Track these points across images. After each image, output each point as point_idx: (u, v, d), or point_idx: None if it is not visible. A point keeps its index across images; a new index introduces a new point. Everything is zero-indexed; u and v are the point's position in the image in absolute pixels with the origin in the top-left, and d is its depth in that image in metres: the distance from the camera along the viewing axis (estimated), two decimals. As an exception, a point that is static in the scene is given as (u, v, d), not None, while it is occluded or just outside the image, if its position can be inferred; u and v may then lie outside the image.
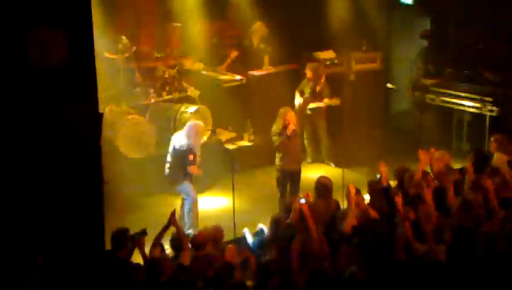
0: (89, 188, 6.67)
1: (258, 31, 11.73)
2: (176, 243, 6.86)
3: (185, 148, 9.00)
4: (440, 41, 12.03)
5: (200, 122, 9.43)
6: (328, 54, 11.90)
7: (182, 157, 9.02)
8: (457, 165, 8.52)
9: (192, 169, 8.98)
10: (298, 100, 11.14)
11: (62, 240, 6.46)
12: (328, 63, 11.89)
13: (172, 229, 6.99)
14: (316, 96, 11.22)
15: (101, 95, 8.99)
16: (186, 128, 9.19)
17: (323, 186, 7.83)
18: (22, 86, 6.22)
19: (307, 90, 11.28)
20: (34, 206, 6.39)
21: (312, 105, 11.22)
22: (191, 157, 8.93)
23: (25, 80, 6.21)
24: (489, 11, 10.79)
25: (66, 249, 6.42)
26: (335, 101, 11.22)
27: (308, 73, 11.26)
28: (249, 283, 6.19)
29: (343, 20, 12.22)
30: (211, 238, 6.99)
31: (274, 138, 9.35)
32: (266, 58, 11.80)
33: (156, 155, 10.33)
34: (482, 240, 6.47)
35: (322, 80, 11.17)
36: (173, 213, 7.02)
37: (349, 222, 7.04)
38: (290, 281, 5.94)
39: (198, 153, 9.09)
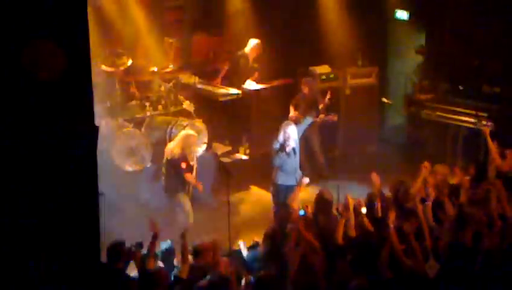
0: (85, 200, 6.63)
1: (255, 49, 11.73)
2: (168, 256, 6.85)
3: (176, 157, 9.05)
4: (435, 57, 12.05)
5: (192, 133, 9.46)
6: (323, 69, 11.94)
7: (175, 166, 9.04)
8: (453, 180, 8.48)
9: (188, 177, 8.99)
10: (292, 112, 11.11)
11: (57, 252, 6.41)
12: (323, 77, 11.91)
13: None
14: (308, 110, 11.16)
15: (97, 108, 9.03)
16: (178, 138, 9.29)
17: (323, 200, 7.83)
18: (18, 98, 6.20)
19: (302, 104, 11.24)
20: (28, 219, 6.34)
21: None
22: (183, 165, 8.98)
23: (22, 92, 6.19)
24: (485, 26, 10.79)
25: (61, 262, 6.37)
26: (332, 117, 11.22)
27: (305, 88, 11.28)
28: None
29: (339, 35, 12.31)
30: (210, 250, 6.96)
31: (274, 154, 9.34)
32: (256, 74, 11.81)
33: (150, 167, 10.35)
34: (478, 256, 6.48)
35: (326, 99, 11.14)
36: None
37: (340, 233, 7.05)
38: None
39: (192, 163, 9.09)
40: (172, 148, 9.26)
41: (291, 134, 9.24)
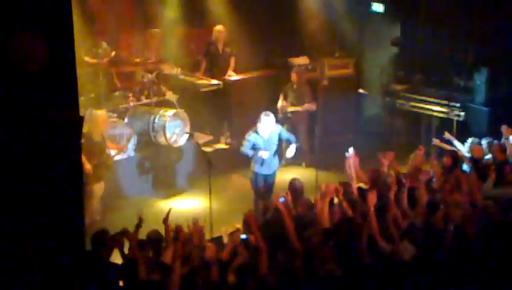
0: (69, 189, 6.63)
1: (219, 35, 11.73)
2: (153, 241, 6.82)
3: None
4: (410, 49, 12.11)
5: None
6: (302, 60, 11.98)
7: None
8: (426, 167, 8.55)
9: None
10: (281, 103, 11.19)
11: (42, 240, 6.40)
12: (302, 68, 11.90)
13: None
14: (298, 100, 11.34)
15: (82, 99, 9.01)
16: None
17: (294, 189, 7.88)
18: (5, 88, 6.18)
19: (291, 94, 11.38)
20: (14, 207, 6.33)
21: (291, 108, 11.31)
22: None
23: (7, 83, 6.17)
24: (458, 19, 10.84)
25: (46, 250, 6.36)
26: (311, 106, 11.32)
27: (293, 76, 11.37)
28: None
29: (317, 27, 12.36)
30: (193, 236, 6.95)
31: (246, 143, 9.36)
32: (232, 61, 11.86)
33: (134, 156, 10.35)
34: (450, 238, 6.58)
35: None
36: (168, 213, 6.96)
37: (323, 219, 7.07)
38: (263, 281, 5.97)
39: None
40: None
41: (267, 126, 9.27)
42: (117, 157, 10.17)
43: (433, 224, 6.87)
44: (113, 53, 11.08)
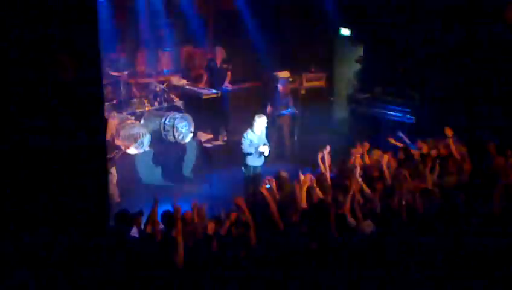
0: (97, 176, 6.56)
1: (219, 54, 11.66)
2: (168, 219, 6.77)
3: None
4: (371, 65, 12.12)
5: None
6: (284, 74, 11.91)
7: None
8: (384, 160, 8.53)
9: None
10: (269, 108, 11.10)
11: (75, 220, 6.33)
12: (285, 81, 11.86)
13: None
14: (283, 104, 11.31)
15: (106, 104, 9.00)
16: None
17: (280, 178, 7.77)
18: (45, 96, 6.12)
19: (276, 102, 11.30)
20: (53, 191, 6.24)
21: (277, 112, 11.26)
22: None
23: (50, 92, 6.11)
24: (409, 40, 10.82)
25: (79, 227, 6.29)
26: (296, 111, 11.46)
27: (279, 87, 11.35)
28: None
29: (296, 48, 12.39)
30: (196, 216, 6.90)
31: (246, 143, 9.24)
32: (228, 75, 11.75)
33: (148, 151, 10.32)
34: (404, 214, 6.65)
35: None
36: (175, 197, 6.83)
37: (301, 201, 7.04)
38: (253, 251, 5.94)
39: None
40: None
41: (260, 126, 9.22)
42: (135, 152, 10.13)
43: (390, 205, 6.86)
44: (132, 68, 11.17)
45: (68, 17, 6.05)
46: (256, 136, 9.25)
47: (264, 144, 9.28)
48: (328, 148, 8.35)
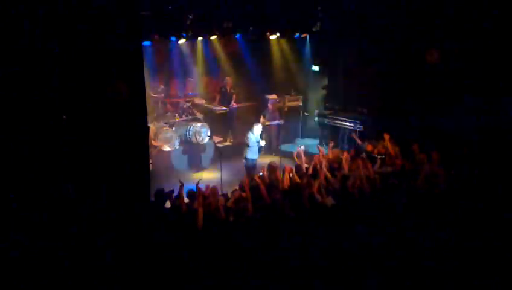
0: (142, 166, 6.56)
1: (228, 82, 11.68)
2: (191, 196, 6.77)
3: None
4: (332, 90, 12.10)
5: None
6: (273, 96, 11.89)
7: None
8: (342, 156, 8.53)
9: None
10: (262, 120, 11.12)
11: (127, 197, 6.26)
12: (273, 101, 11.83)
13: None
14: (272, 118, 11.32)
15: (148, 116, 8.94)
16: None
17: (271, 167, 7.79)
18: (105, 112, 6.09)
19: (268, 115, 11.29)
20: (114, 176, 6.17)
21: (268, 123, 11.30)
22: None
23: (107, 109, 6.09)
24: (360, 74, 10.79)
25: (129, 202, 6.22)
26: (280, 121, 11.44)
27: (269, 106, 11.38)
28: None
29: (281, 78, 12.34)
30: (210, 193, 6.90)
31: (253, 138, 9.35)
32: (234, 96, 11.71)
33: (178, 149, 10.28)
34: (356, 194, 6.66)
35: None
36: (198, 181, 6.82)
37: (284, 184, 7.09)
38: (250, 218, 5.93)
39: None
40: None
41: (258, 130, 9.39)
42: (168, 149, 10.11)
43: (346, 187, 6.89)
44: (167, 91, 11.09)
45: (123, 57, 6.09)
46: (254, 136, 9.42)
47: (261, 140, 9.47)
48: (302, 147, 8.37)
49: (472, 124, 8.79)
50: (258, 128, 9.48)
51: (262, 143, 9.64)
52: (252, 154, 9.45)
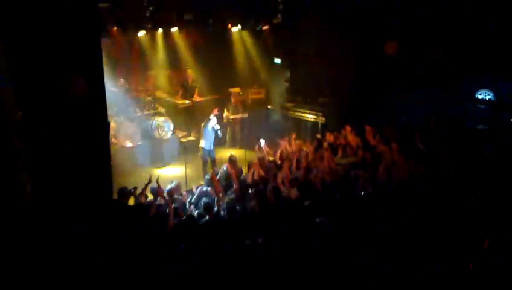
0: (102, 165, 6.44)
1: (189, 76, 11.54)
2: (155, 193, 6.73)
3: None
4: (295, 83, 12.19)
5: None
6: (236, 89, 11.89)
7: None
8: (305, 148, 8.68)
9: None
10: (226, 113, 11.06)
11: (89, 195, 6.16)
12: (237, 94, 11.84)
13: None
14: (235, 112, 11.29)
15: (109, 111, 8.72)
16: None
17: (231, 161, 7.80)
18: (64, 107, 5.95)
19: (231, 108, 11.26)
20: (76, 174, 6.05)
21: (232, 116, 11.25)
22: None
23: (65, 104, 5.95)
24: (321, 66, 10.88)
25: (91, 200, 6.11)
26: (243, 115, 11.36)
27: (232, 99, 11.33)
28: None
29: (245, 71, 12.28)
30: (175, 189, 6.88)
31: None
32: (196, 90, 11.60)
33: (140, 144, 10.13)
34: (318, 185, 6.74)
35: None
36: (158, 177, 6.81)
37: (248, 178, 7.11)
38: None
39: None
40: None
41: (213, 122, 9.36)
42: (130, 145, 9.92)
43: (310, 179, 6.98)
44: (127, 85, 10.78)
45: (81, 51, 5.93)
46: (211, 127, 9.41)
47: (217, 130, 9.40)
48: (263, 141, 8.39)
49: (426, 113, 9.12)
50: (214, 121, 9.42)
51: (220, 132, 9.46)
52: (206, 143, 9.42)
